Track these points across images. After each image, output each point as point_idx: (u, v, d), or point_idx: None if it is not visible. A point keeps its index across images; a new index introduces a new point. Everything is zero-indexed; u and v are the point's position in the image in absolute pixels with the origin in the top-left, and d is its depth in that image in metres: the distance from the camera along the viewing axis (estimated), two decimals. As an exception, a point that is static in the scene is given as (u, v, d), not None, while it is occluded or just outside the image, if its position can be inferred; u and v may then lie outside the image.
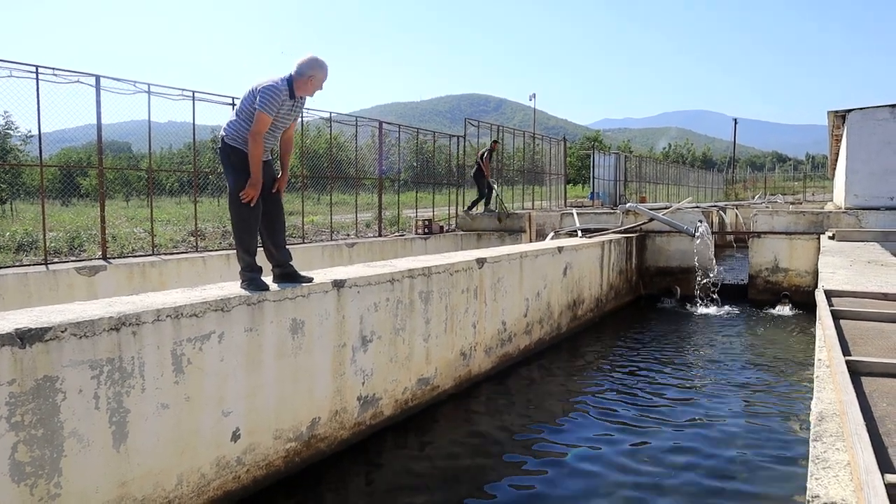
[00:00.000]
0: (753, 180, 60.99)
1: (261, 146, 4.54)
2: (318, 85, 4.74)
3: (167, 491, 3.89)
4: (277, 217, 4.95)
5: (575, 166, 49.36)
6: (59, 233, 10.87)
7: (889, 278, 5.80)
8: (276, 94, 4.53)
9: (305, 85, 4.68)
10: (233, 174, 4.66)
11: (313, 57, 4.70)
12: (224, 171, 4.84)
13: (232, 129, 4.65)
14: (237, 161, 4.64)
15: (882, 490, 1.66)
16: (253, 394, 4.46)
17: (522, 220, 15.07)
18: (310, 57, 4.69)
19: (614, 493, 4.64)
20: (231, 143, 4.65)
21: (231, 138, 4.65)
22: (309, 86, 4.69)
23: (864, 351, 3.25)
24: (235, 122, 4.65)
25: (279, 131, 4.79)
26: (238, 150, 4.63)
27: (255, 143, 4.51)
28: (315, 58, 4.70)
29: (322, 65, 4.69)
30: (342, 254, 11.83)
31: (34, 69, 8.03)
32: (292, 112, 4.79)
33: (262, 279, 4.70)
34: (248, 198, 4.56)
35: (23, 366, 3.17)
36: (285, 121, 4.77)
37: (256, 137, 4.51)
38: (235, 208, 4.66)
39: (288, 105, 4.67)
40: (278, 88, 4.54)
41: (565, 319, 9.58)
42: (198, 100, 10.00)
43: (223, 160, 4.78)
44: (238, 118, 4.65)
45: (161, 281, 8.78)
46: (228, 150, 4.67)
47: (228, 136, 4.66)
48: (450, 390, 6.69)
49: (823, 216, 12.83)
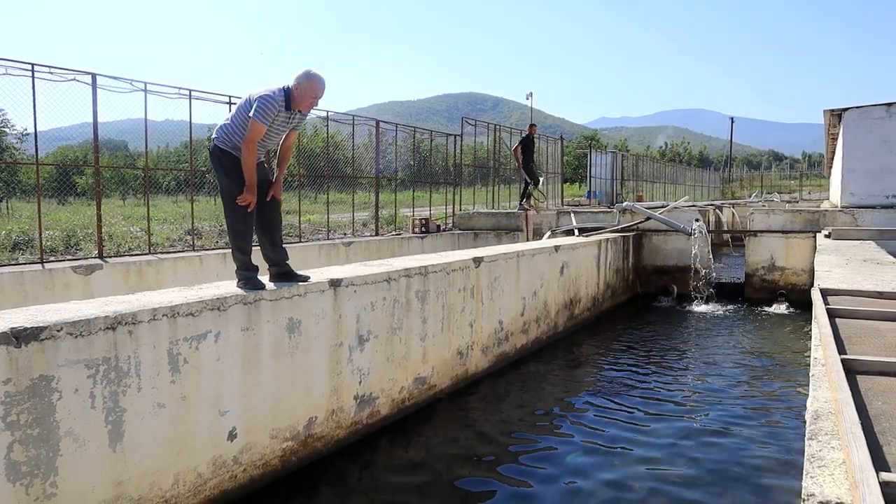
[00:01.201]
0: (750, 179, 61.08)
1: (254, 154, 4.55)
2: (314, 99, 4.70)
3: (164, 490, 3.88)
4: (273, 216, 4.96)
5: (572, 165, 49.40)
6: (55, 231, 10.84)
7: (885, 277, 5.82)
8: (272, 104, 4.52)
9: (301, 99, 4.65)
10: (225, 177, 4.67)
11: (308, 70, 4.67)
12: (216, 174, 4.85)
13: (224, 133, 4.65)
14: (228, 164, 4.64)
15: (877, 488, 1.66)
16: (249, 393, 4.45)
17: (519, 219, 15.07)
18: (305, 70, 4.68)
19: (611, 492, 4.64)
20: (221, 146, 4.65)
21: (222, 141, 4.65)
22: (304, 98, 4.65)
23: (860, 349, 3.26)
24: (228, 127, 4.65)
25: (271, 141, 4.80)
26: (228, 153, 4.63)
27: (247, 150, 4.52)
28: (309, 71, 4.67)
29: (316, 78, 4.64)
30: (339, 253, 11.82)
31: (30, 67, 8.01)
32: (288, 123, 4.77)
33: (258, 278, 4.70)
34: (244, 202, 4.57)
35: (18, 365, 3.16)
36: (280, 131, 4.76)
37: (249, 145, 4.52)
38: (230, 209, 4.67)
39: (283, 116, 4.65)
40: (274, 99, 4.54)
41: (562, 318, 9.59)
42: (195, 98, 9.98)
43: (214, 163, 4.78)
44: (232, 123, 4.65)
45: (157, 280, 8.76)
46: (219, 154, 4.67)
47: (219, 139, 4.67)
48: (447, 389, 6.70)
49: (819, 215, 12.86)
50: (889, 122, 13.51)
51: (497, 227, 15.15)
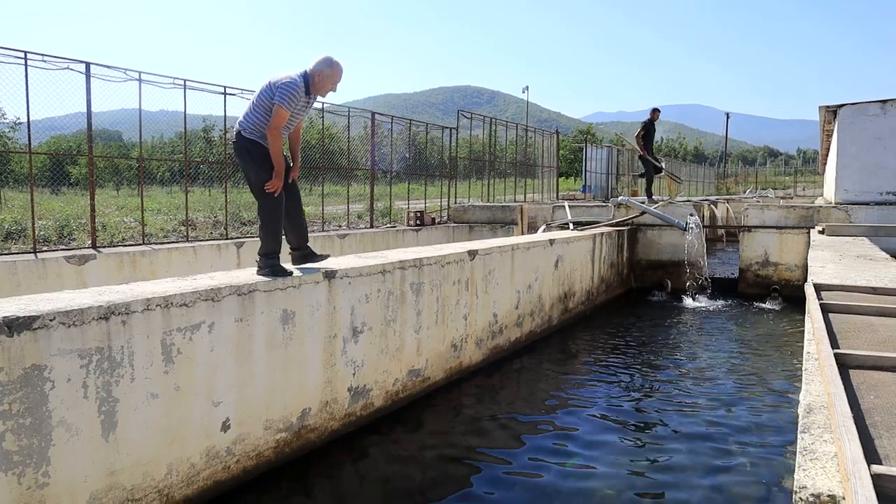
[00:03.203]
0: (745, 175, 61.19)
1: (280, 140, 4.70)
2: (333, 85, 4.89)
3: (156, 480, 3.88)
4: (298, 199, 5.16)
5: (567, 159, 49.38)
6: (48, 221, 10.80)
7: (878, 272, 5.85)
8: (296, 90, 4.65)
9: (321, 85, 4.82)
10: (255, 167, 4.77)
11: (329, 57, 4.83)
12: (243, 166, 4.93)
13: (249, 123, 4.75)
14: (258, 154, 4.75)
15: (868, 481, 1.67)
16: (243, 384, 4.45)
17: (514, 213, 15.07)
18: (325, 57, 4.82)
19: (603, 485, 4.66)
20: (249, 136, 4.75)
21: (250, 132, 4.75)
22: (324, 85, 4.84)
23: (853, 344, 3.28)
24: (252, 116, 4.74)
25: (292, 126, 4.95)
26: (257, 144, 4.74)
27: (274, 137, 4.65)
28: (330, 58, 4.84)
29: (337, 66, 4.83)
30: (333, 245, 11.80)
31: (23, 55, 7.94)
32: (306, 108, 4.93)
33: (282, 265, 4.83)
34: (273, 188, 4.71)
35: (10, 354, 3.15)
36: (299, 116, 4.91)
37: (275, 132, 4.65)
38: (263, 199, 4.80)
39: (303, 101, 4.81)
40: (297, 84, 4.67)
41: (556, 312, 9.61)
42: (189, 88, 9.93)
43: (241, 154, 4.86)
44: (254, 112, 4.74)
45: (151, 270, 8.73)
46: (248, 145, 4.77)
47: (246, 130, 4.76)
48: (441, 382, 6.70)
49: (814, 211, 12.90)
50: (884, 119, 13.54)
51: (492, 221, 15.14)
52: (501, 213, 15.21)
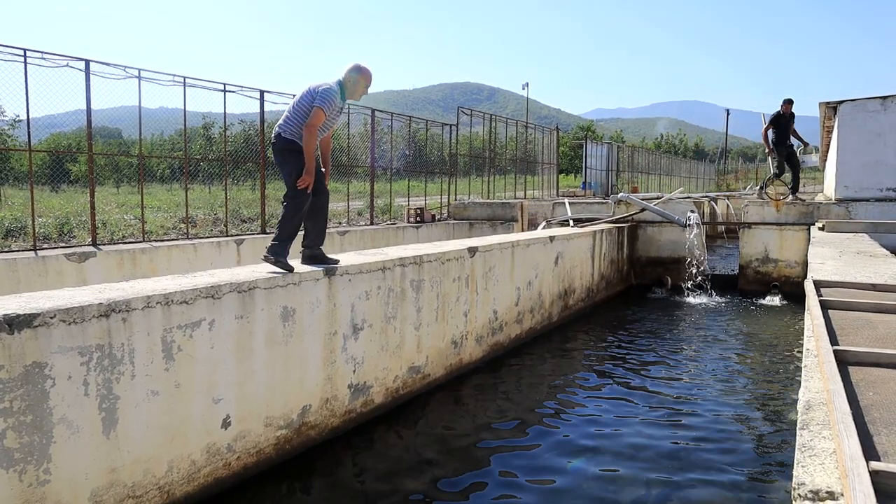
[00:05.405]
0: (745, 171, 61.15)
1: (315, 138, 4.94)
2: (365, 88, 5.26)
3: (157, 477, 3.89)
4: (324, 204, 5.33)
5: (567, 156, 49.35)
6: (48, 219, 10.79)
7: (877, 269, 5.84)
8: (334, 95, 5.01)
9: (354, 90, 5.20)
10: (292, 164, 4.99)
11: (357, 64, 5.23)
12: (280, 166, 5.17)
13: (290, 126, 5.01)
14: (295, 153, 4.99)
15: (867, 477, 1.68)
16: (243, 381, 4.45)
17: (514, 210, 15.06)
18: (354, 64, 5.22)
19: (603, 481, 4.67)
20: (290, 137, 4.99)
21: (290, 134, 5.00)
22: (357, 89, 5.21)
23: (852, 341, 3.28)
24: (293, 120, 5.01)
25: (326, 130, 5.20)
26: (295, 143, 4.98)
27: (310, 134, 4.89)
28: (359, 64, 5.23)
29: (366, 70, 5.22)
30: (333, 242, 11.79)
31: (22, 52, 7.93)
32: (339, 114, 5.27)
33: (288, 260, 4.97)
34: (304, 184, 4.92)
35: (11, 352, 3.15)
36: (333, 120, 5.21)
37: (312, 129, 4.90)
38: (293, 197, 5.01)
39: (338, 106, 5.16)
40: (334, 91, 5.03)
41: (556, 309, 9.61)
42: (189, 86, 9.91)
43: (280, 154, 5.09)
44: (295, 116, 5.01)
45: (151, 268, 8.74)
46: (287, 145, 5.01)
47: (286, 132, 5.01)
48: (441, 379, 6.71)
49: (814, 207, 12.89)
50: (884, 115, 13.53)
51: (492, 217, 15.14)
52: (501, 210, 15.20)
